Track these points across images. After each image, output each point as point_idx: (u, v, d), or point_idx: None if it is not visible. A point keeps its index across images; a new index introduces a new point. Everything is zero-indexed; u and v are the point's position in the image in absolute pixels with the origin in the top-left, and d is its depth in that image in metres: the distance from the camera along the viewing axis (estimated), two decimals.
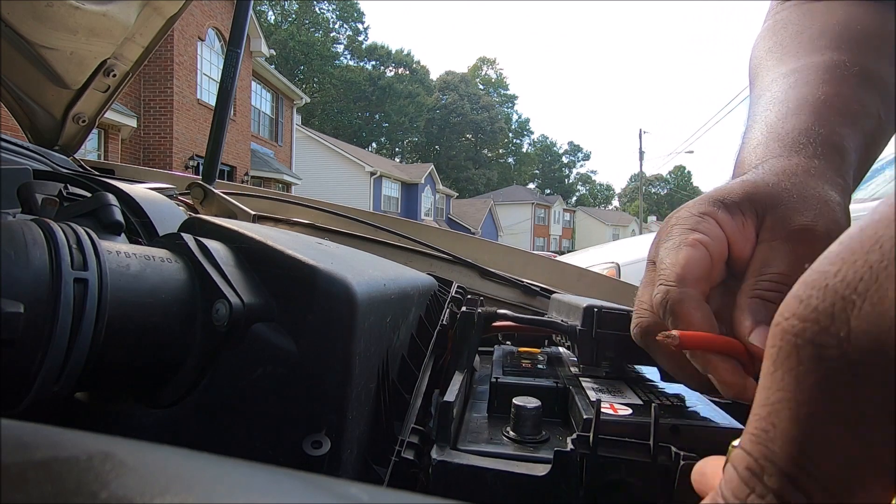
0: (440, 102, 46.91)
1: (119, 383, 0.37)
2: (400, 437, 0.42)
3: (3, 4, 0.99)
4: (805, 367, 0.14)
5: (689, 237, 0.35)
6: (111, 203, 0.46)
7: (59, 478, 0.12)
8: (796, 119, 0.41)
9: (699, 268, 0.33)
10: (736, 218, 0.36)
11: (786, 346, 0.15)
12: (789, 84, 0.45)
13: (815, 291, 0.15)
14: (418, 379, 0.51)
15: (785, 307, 0.16)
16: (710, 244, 0.34)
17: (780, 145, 0.40)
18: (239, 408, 0.36)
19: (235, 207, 1.15)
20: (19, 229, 0.30)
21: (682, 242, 0.34)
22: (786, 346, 0.15)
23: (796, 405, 0.14)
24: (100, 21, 1.10)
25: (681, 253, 0.34)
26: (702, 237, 0.34)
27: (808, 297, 0.15)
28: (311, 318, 0.37)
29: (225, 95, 1.20)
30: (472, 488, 0.36)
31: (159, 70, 11.13)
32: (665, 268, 0.34)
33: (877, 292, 0.13)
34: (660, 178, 64.07)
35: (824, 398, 0.14)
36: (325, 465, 0.35)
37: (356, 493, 0.13)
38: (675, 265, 0.34)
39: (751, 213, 0.36)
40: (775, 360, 0.15)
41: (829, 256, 0.15)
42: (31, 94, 1.23)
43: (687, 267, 0.33)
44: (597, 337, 0.49)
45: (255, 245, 0.40)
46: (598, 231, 42.61)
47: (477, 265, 1.10)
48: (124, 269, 0.34)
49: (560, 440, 0.42)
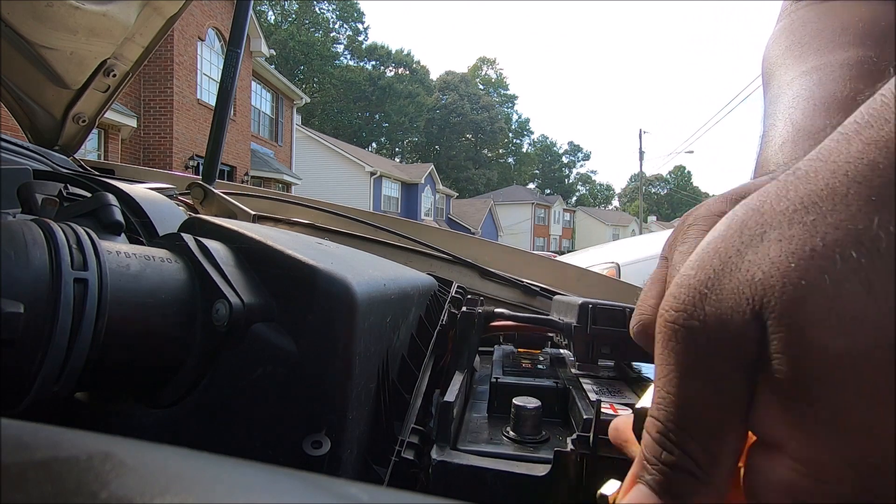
0: (440, 102, 46.91)
1: (119, 383, 0.37)
2: (400, 437, 0.42)
3: (3, 4, 0.99)
4: (681, 344, 0.20)
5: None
6: (111, 203, 0.46)
7: (59, 478, 0.12)
8: (825, 116, 0.40)
9: None
10: None
11: (667, 331, 0.20)
12: (813, 81, 0.43)
13: (682, 290, 0.20)
14: (418, 379, 0.50)
15: (664, 304, 0.21)
16: None
17: (811, 143, 0.38)
18: (239, 408, 0.36)
19: (235, 207, 1.15)
20: (19, 229, 0.30)
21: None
22: (667, 331, 0.20)
23: (679, 373, 0.20)
24: (100, 21, 1.10)
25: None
26: None
27: (678, 294, 0.20)
28: (311, 318, 0.37)
29: (225, 95, 1.20)
30: (472, 488, 0.36)
31: (159, 70, 11.13)
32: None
33: (718, 286, 0.19)
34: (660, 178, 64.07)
35: (696, 365, 0.19)
36: (325, 465, 0.35)
37: (356, 493, 0.13)
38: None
39: None
40: (661, 343, 0.20)
41: (690, 263, 0.21)
42: (31, 94, 1.23)
43: None
44: (592, 333, 0.49)
45: (255, 245, 0.40)
46: (598, 231, 42.61)
47: (477, 265, 1.10)
48: (124, 270, 0.34)
49: (560, 440, 0.42)
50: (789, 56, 0.49)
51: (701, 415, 0.19)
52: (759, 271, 0.18)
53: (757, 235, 0.19)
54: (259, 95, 16.16)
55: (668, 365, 0.20)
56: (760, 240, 0.19)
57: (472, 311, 0.54)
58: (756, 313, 0.18)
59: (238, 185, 1.40)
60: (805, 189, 0.18)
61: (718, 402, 0.19)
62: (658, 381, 0.21)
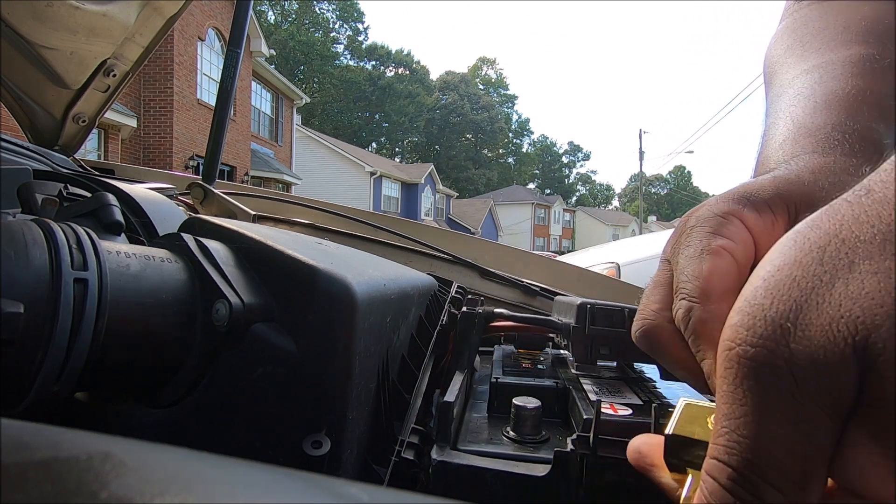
0: (440, 102, 46.91)
1: (119, 383, 0.37)
2: (400, 437, 0.42)
3: (3, 4, 0.99)
4: (761, 384, 0.18)
5: (712, 243, 0.31)
6: (111, 203, 0.46)
7: (59, 478, 0.12)
8: (827, 114, 0.38)
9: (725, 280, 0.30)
10: (765, 217, 0.32)
11: (742, 368, 0.19)
12: (814, 80, 0.42)
13: (758, 322, 0.19)
14: (418, 379, 0.50)
15: (732, 334, 0.19)
16: (735, 250, 0.31)
17: (813, 141, 0.37)
18: (239, 408, 0.36)
19: (235, 207, 1.15)
20: (19, 229, 0.30)
21: (705, 249, 0.31)
22: (742, 368, 0.19)
23: (759, 416, 0.18)
24: (100, 21, 1.10)
25: (704, 263, 0.30)
26: (726, 243, 0.31)
27: (753, 326, 0.19)
28: (311, 318, 0.37)
29: (225, 95, 1.20)
30: (472, 488, 0.36)
31: (159, 70, 11.13)
32: (686, 280, 0.31)
33: (805, 321, 0.18)
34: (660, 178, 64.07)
35: (782, 408, 0.18)
36: (325, 465, 0.35)
37: (356, 493, 0.13)
38: (697, 277, 0.30)
39: (782, 212, 0.32)
40: (734, 380, 0.19)
41: (760, 291, 0.19)
42: (31, 94, 1.23)
43: (711, 280, 0.29)
44: (590, 333, 0.49)
45: (255, 245, 0.40)
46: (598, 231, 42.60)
47: (477, 265, 1.10)
48: (124, 270, 0.34)
49: (560, 440, 0.42)
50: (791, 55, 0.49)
51: (786, 464, 0.18)
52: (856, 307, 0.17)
53: (844, 266, 0.18)
54: (259, 95, 16.16)
55: (742, 406, 0.19)
56: (849, 271, 0.18)
57: (473, 311, 0.54)
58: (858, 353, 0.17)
59: (238, 185, 1.40)
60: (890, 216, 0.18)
61: (806, 451, 0.18)
62: (727, 421, 0.19)
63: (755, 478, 0.18)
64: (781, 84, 0.46)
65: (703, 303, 0.29)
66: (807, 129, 0.38)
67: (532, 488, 0.35)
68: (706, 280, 0.30)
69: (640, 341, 0.34)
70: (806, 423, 0.17)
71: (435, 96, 46.82)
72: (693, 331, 0.29)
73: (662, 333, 0.32)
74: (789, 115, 0.41)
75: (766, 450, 0.18)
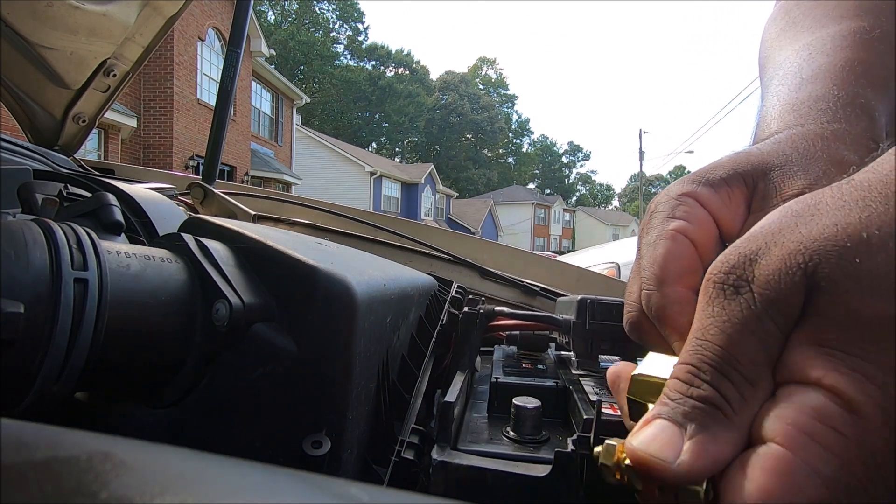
0: (440, 102, 46.90)
1: (119, 383, 0.37)
2: (400, 437, 0.42)
3: (3, 4, 0.99)
4: (729, 299, 0.22)
5: (666, 228, 0.31)
6: (111, 203, 0.46)
7: (59, 478, 0.12)
8: (811, 86, 0.38)
9: (681, 262, 0.30)
10: (720, 191, 0.32)
11: (714, 289, 0.23)
12: (803, 57, 0.41)
13: (731, 256, 0.23)
14: (418, 379, 0.50)
15: (711, 268, 0.23)
16: (690, 230, 0.31)
17: (796, 115, 0.36)
18: (239, 408, 0.36)
19: (235, 207, 1.15)
20: (19, 229, 0.30)
21: (660, 235, 0.31)
22: (714, 289, 0.23)
23: (722, 324, 0.22)
24: (100, 21, 1.10)
25: (658, 248, 0.31)
26: (680, 224, 0.31)
27: (728, 258, 0.23)
28: (311, 318, 0.37)
29: (225, 95, 1.20)
30: (472, 488, 0.36)
31: (159, 70, 11.13)
32: (644, 268, 0.31)
33: (769, 253, 0.22)
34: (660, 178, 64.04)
35: (741, 317, 0.21)
36: (325, 465, 0.35)
37: (356, 493, 0.13)
38: (653, 264, 0.31)
39: (738, 183, 0.32)
40: (708, 299, 0.23)
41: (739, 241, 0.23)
42: (31, 94, 1.23)
43: (665, 265, 0.30)
44: (591, 328, 0.48)
45: (255, 245, 0.40)
46: (599, 231, 42.60)
47: (477, 265, 1.10)
48: (124, 270, 0.33)
49: (560, 440, 0.42)
50: (784, 37, 0.48)
51: (741, 363, 0.21)
52: (813, 244, 0.21)
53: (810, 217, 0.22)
54: (259, 95, 16.16)
55: (710, 318, 0.22)
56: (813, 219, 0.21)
57: (474, 311, 0.54)
58: (808, 276, 0.20)
59: (238, 185, 1.40)
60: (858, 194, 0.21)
61: (758, 354, 0.21)
62: (696, 332, 0.23)
63: (717, 374, 0.21)
64: (774, 67, 0.46)
65: (659, 288, 0.30)
66: (790, 104, 0.38)
67: (532, 489, 0.35)
68: (661, 266, 0.31)
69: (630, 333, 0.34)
70: (763, 333, 0.21)
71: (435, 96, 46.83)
72: (656, 317, 0.30)
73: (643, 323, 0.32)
74: (775, 94, 0.40)
75: (727, 354, 0.21)
